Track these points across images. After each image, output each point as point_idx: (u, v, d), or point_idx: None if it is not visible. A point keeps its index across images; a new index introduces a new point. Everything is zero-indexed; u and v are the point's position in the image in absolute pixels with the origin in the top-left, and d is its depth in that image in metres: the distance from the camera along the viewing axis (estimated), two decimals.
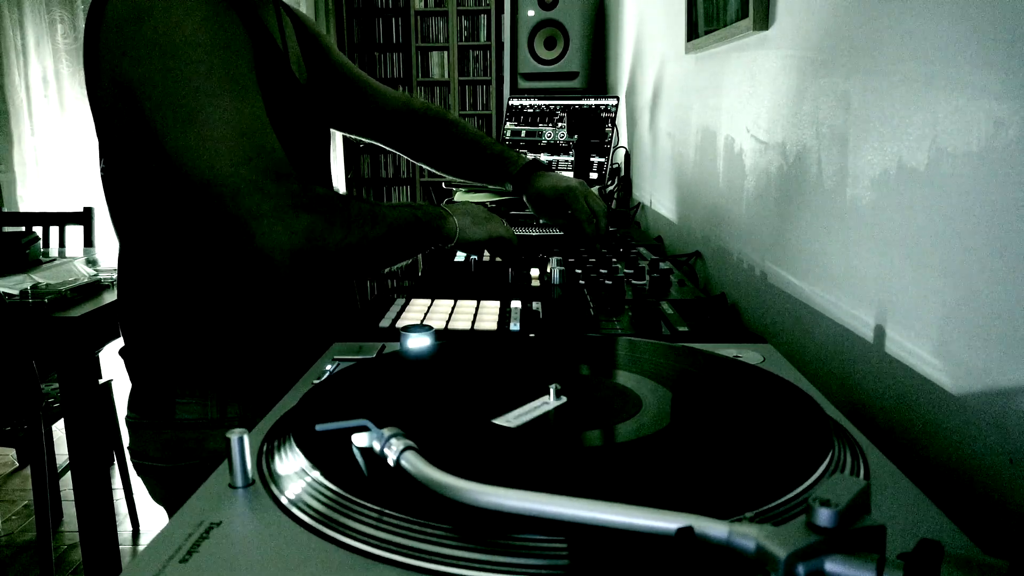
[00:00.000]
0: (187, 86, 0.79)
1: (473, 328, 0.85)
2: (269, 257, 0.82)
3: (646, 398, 0.57)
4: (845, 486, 0.33)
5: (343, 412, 0.51)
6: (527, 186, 1.25)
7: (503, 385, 0.61)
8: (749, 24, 1.07)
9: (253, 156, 0.81)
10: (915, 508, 0.44)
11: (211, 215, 0.83)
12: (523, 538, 0.38)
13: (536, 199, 1.24)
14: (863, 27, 0.78)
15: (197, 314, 0.91)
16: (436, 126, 1.30)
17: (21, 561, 2.17)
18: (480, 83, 4.82)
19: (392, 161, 4.96)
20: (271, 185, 0.81)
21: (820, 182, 0.88)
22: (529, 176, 1.25)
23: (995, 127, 0.55)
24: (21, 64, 4.21)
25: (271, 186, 0.81)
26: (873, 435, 0.56)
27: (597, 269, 1.18)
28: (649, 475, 0.46)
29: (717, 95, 1.32)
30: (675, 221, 1.67)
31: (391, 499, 0.41)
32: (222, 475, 0.47)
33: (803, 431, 0.51)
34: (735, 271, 1.21)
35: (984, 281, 0.57)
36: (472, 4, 4.74)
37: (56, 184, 4.36)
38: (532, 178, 1.24)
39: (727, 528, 0.34)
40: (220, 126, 0.80)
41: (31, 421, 1.90)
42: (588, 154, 2.09)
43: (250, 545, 0.40)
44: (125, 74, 0.81)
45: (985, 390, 0.57)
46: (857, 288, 0.79)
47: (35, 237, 2.07)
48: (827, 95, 0.86)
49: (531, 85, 2.89)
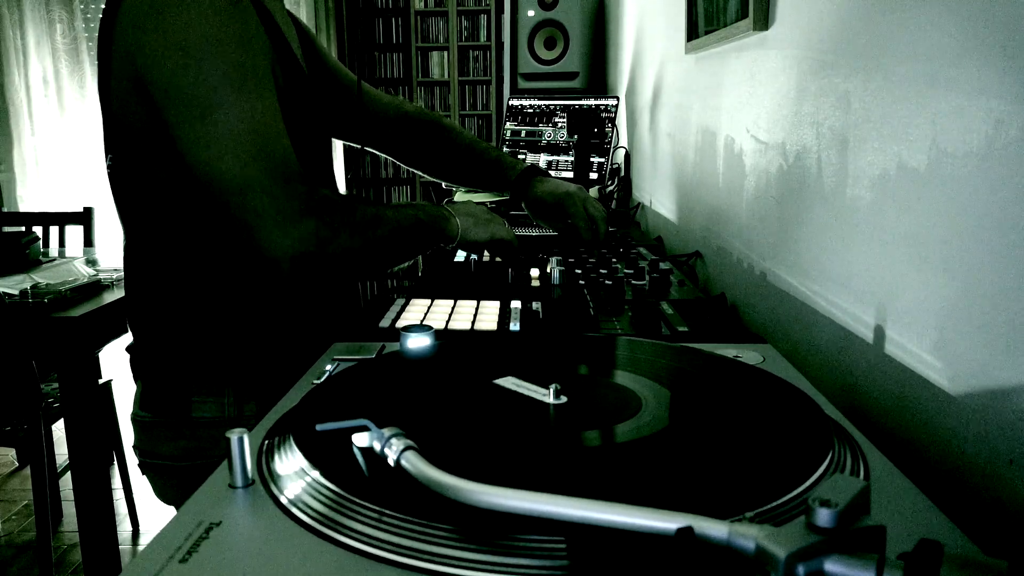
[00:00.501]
0: (203, 84, 0.79)
1: (473, 328, 0.85)
2: (271, 260, 0.82)
3: (646, 398, 0.57)
4: (845, 486, 0.33)
5: (343, 412, 0.51)
6: (525, 192, 1.24)
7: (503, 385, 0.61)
8: (749, 24, 1.07)
9: (262, 157, 0.81)
10: (915, 508, 0.44)
11: (216, 214, 0.83)
12: (523, 538, 0.38)
13: (534, 205, 1.24)
14: (863, 27, 0.78)
15: (209, 311, 0.91)
16: (431, 132, 1.29)
17: (21, 561, 2.17)
18: (480, 83, 4.82)
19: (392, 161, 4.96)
20: (277, 187, 0.81)
21: (820, 182, 0.88)
22: (527, 182, 1.24)
23: (995, 127, 0.55)
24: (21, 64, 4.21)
25: (277, 188, 0.81)
26: (873, 435, 0.56)
27: (597, 269, 1.18)
28: (649, 475, 0.46)
29: (717, 95, 1.32)
30: (675, 221, 1.67)
31: (391, 499, 0.41)
32: (222, 475, 0.47)
33: (803, 431, 0.51)
34: (735, 271, 1.21)
35: (984, 281, 0.57)
36: (472, 4, 4.74)
37: (56, 184, 4.36)
38: (530, 184, 1.24)
39: (727, 528, 0.34)
40: (232, 125, 0.80)
41: (31, 421, 1.90)
42: (588, 154, 2.09)
43: (250, 545, 0.40)
44: (140, 69, 0.80)
45: (985, 390, 0.57)
46: (857, 288, 0.79)
47: (35, 237, 2.07)
48: (827, 95, 0.86)
49: (531, 85, 2.89)
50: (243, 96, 0.81)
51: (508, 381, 0.60)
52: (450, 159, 1.30)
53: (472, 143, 1.30)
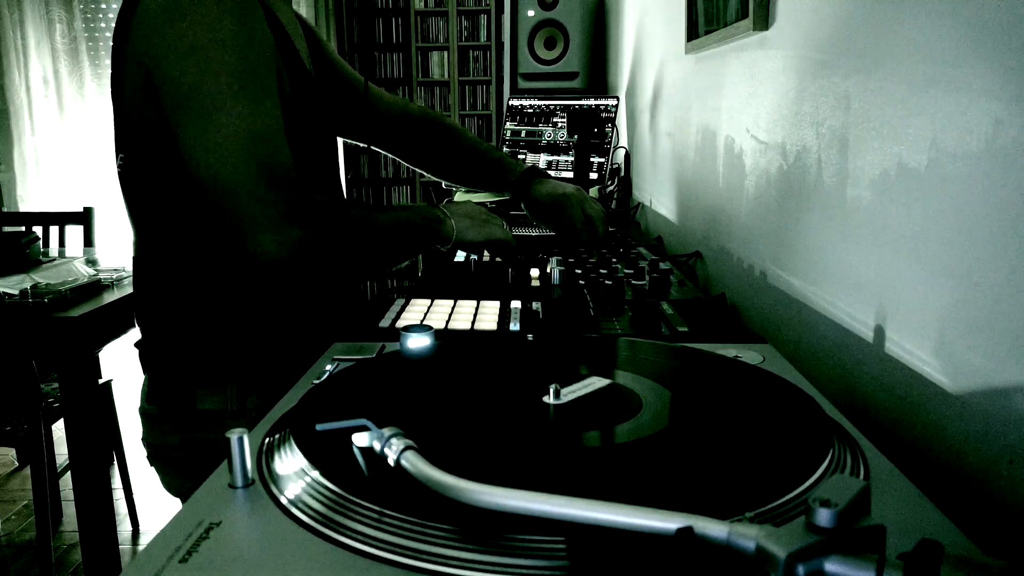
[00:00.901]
0: (207, 87, 0.81)
1: (473, 328, 0.85)
2: (257, 264, 0.84)
3: (646, 398, 0.57)
4: (845, 486, 0.33)
5: (343, 412, 0.51)
6: (525, 193, 1.25)
7: (503, 385, 0.61)
8: (749, 24, 1.07)
9: (256, 162, 0.83)
10: (915, 508, 0.44)
11: (210, 215, 0.85)
12: (523, 538, 0.38)
13: (533, 206, 1.25)
14: (863, 27, 0.78)
15: (214, 307, 0.93)
16: (434, 131, 1.30)
17: (21, 561, 2.17)
18: (480, 83, 4.82)
19: (392, 161, 4.96)
20: (270, 193, 0.83)
21: (820, 182, 0.88)
22: (527, 183, 1.25)
23: (995, 127, 0.55)
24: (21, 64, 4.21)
25: (269, 194, 0.83)
26: (873, 435, 0.56)
27: (597, 269, 1.18)
28: (649, 475, 0.46)
29: (717, 95, 1.32)
30: (675, 221, 1.67)
31: (391, 499, 0.41)
32: (222, 475, 0.47)
33: (803, 431, 0.51)
34: (735, 271, 1.21)
35: (984, 281, 0.57)
36: (472, 4, 4.74)
37: (56, 184, 4.36)
38: (529, 185, 1.25)
39: (727, 528, 0.34)
40: (231, 128, 0.82)
41: (31, 421, 1.90)
42: (588, 154, 2.09)
43: (250, 545, 0.40)
44: (151, 70, 0.82)
45: (985, 390, 0.57)
46: (857, 288, 0.79)
47: (35, 237, 2.07)
48: (827, 95, 0.86)
49: (531, 85, 2.89)
50: (245, 100, 0.82)
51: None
52: (453, 159, 1.31)
53: (474, 143, 1.31)
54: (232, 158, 0.82)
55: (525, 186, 1.25)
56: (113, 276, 1.90)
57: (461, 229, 1.03)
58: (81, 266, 1.99)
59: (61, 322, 1.63)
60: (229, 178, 0.82)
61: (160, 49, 0.81)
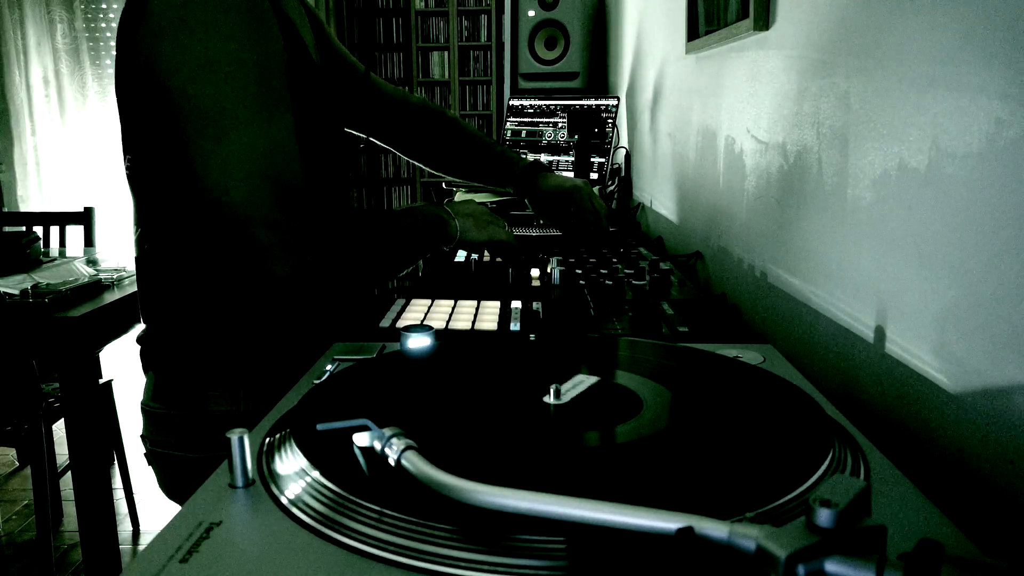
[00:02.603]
0: (221, 104, 0.79)
1: (473, 328, 0.85)
2: (270, 284, 0.83)
3: (646, 398, 0.57)
4: (845, 486, 0.33)
5: (343, 412, 0.51)
6: (530, 188, 1.24)
7: (503, 385, 0.61)
8: (749, 24, 1.07)
9: (269, 184, 0.82)
10: (915, 508, 0.44)
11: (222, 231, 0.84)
12: (523, 538, 0.38)
13: (539, 200, 1.24)
14: (863, 27, 0.78)
15: (222, 310, 0.92)
16: (436, 123, 1.29)
17: (21, 561, 2.17)
18: (480, 83, 4.82)
19: (392, 161, 4.96)
20: (283, 216, 0.82)
21: (820, 182, 0.88)
22: (531, 178, 1.24)
23: (995, 127, 0.55)
24: (21, 64, 4.21)
25: (282, 218, 0.82)
26: (873, 435, 0.56)
27: (597, 269, 1.18)
28: (649, 475, 0.46)
29: (717, 95, 1.32)
30: (675, 221, 1.67)
31: (391, 499, 0.41)
32: (222, 475, 0.47)
33: (803, 431, 0.51)
34: (735, 271, 1.21)
35: (984, 281, 0.57)
36: (472, 4, 4.74)
37: (56, 184, 4.36)
38: (535, 179, 1.24)
39: (727, 528, 0.34)
40: (244, 147, 0.80)
41: (31, 421, 1.90)
42: (588, 154, 2.09)
43: (250, 545, 0.40)
44: (162, 78, 0.80)
45: (985, 390, 0.57)
46: (857, 288, 0.79)
47: (35, 237, 2.07)
48: (827, 95, 0.86)
49: (531, 85, 2.89)
50: (259, 117, 0.81)
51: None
52: (455, 151, 1.30)
53: (477, 136, 1.30)
54: (246, 180, 0.80)
55: (530, 180, 1.24)
56: (114, 276, 1.90)
57: (464, 229, 1.03)
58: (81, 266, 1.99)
59: (61, 322, 1.63)
60: (243, 201, 0.80)
61: (171, 61, 0.79)
